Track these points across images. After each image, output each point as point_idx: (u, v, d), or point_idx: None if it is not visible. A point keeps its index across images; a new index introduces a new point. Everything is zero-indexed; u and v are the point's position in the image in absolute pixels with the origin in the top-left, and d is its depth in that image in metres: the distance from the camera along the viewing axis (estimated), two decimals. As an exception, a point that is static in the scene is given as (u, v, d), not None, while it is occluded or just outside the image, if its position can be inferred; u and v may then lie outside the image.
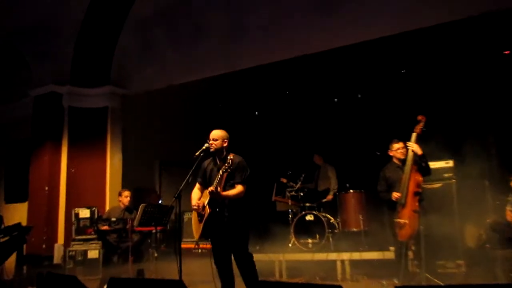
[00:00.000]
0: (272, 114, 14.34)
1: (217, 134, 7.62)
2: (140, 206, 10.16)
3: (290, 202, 12.59)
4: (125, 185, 13.23)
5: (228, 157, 7.33)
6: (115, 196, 12.06)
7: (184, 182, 7.38)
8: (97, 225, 11.32)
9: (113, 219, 11.22)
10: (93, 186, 13.29)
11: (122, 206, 11.45)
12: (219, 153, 7.59)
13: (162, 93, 13.51)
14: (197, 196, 7.72)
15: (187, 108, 14.98)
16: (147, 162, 14.51)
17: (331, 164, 13.61)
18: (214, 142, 7.56)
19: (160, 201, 14.07)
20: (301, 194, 12.58)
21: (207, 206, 7.34)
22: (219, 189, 7.22)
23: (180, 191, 7.39)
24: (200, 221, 7.50)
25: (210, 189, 7.23)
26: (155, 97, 13.86)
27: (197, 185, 7.89)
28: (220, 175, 7.26)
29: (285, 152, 14.73)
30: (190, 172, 7.39)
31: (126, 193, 11.50)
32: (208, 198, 7.33)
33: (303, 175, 12.54)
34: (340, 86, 12.97)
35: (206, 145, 7.55)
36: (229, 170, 7.30)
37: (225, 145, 7.60)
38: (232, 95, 14.03)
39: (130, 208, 11.46)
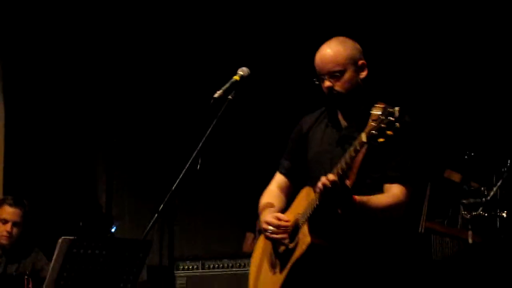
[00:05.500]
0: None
1: (339, 54, 3.36)
2: (59, 242, 4.46)
3: (470, 236, 5.40)
4: (9, 188, 6.41)
5: (373, 111, 3.10)
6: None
7: (182, 173, 3.31)
8: None
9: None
10: None
11: (3, 241, 5.21)
12: (352, 101, 3.41)
13: None
14: (276, 204, 3.60)
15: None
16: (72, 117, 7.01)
17: None
18: (338, 83, 3.34)
19: (113, 227, 6.96)
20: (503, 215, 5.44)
21: (304, 227, 3.29)
22: (347, 182, 3.17)
23: (172, 197, 3.30)
24: (276, 268, 3.49)
25: (325, 179, 3.10)
26: None
27: (278, 179, 3.73)
28: (351, 153, 3.13)
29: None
30: (200, 146, 3.31)
31: (9, 210, 5.17)
32: (309, 206, 3.29)
33: (506, 168, 5.44)
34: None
35: (241, 72, 3.44)
36: (377, 134, 3.00)
37: (363, 76, 3.39)
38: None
39: (20, 250, 5.30)
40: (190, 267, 6.09)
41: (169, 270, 3.72)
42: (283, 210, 3.54)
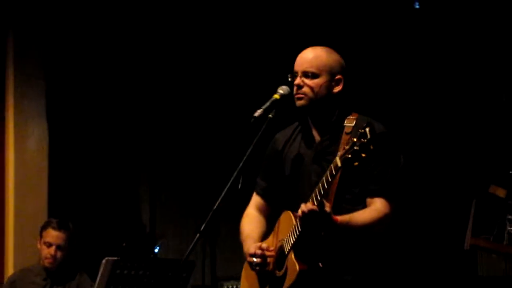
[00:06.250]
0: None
1: (319, 59, 3.31)
2: (103, 263, 4.39)
3: None
4: (54, 210, 6.32)
5: (346, 123, 3.23)
6: (30, 238, 5.66)
7: (223, 192, 3.23)
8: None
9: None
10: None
11: (47, 264, 5.07)
12: (321, 112, 3.35)
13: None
14: (258, 230, 3.54)
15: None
16: (118, 146, 7.10)
17: None
18: (308, 82, 3.27)
19: (157, 248, 6.77)
20: None
21: (291, 255, 3.20)
22: (326, 207, 3.05)
23: (214, 216, 3.20)
24: None
25: (304, 208, 3.07)
26: None
27: (256, 200, 3.64)
28: (328, 178, 3.08)
29: None
30: (241, 165, 3.24)
31: (53, 233, 5.03)
32: (292, 233, 3.22)
33: None
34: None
35: (281, 91, 3.36)
36: (351, 158, 2.96)
37: (336, 90, 3.31)
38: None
39: (64, 273, 5.16)
40: (233, 287, 5.99)
41: (213, 289, 3.67)
42: (266, 235, 3.49)
